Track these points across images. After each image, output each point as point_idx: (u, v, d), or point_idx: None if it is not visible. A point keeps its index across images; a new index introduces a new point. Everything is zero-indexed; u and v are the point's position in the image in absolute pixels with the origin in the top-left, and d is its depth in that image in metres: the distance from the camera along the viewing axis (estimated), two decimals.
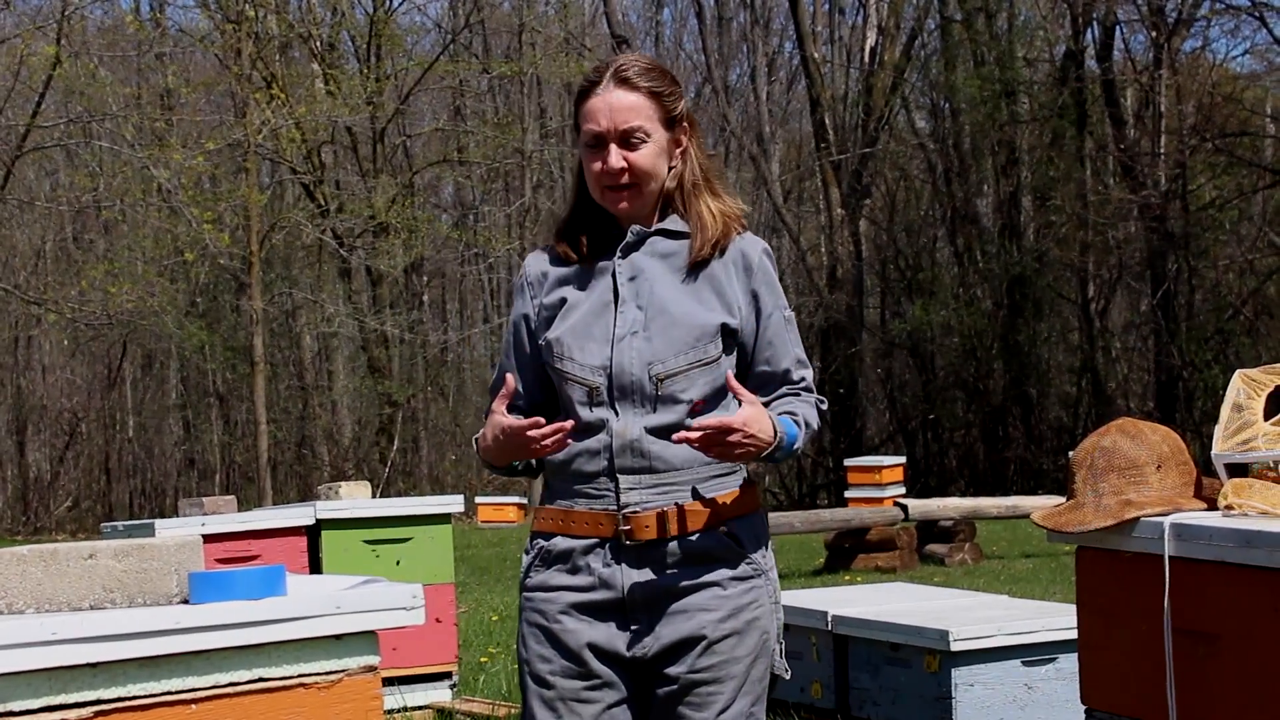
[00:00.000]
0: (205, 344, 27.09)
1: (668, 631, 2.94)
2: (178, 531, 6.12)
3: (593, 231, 3.06)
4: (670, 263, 3.02)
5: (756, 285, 3.02)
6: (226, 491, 27.52)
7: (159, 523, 6.41)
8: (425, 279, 30.59)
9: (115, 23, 27.72)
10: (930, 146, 29.39)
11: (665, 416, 2.93)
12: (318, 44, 26.79)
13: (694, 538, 2.94)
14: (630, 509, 2.92)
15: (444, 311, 32.54)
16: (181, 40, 27.17)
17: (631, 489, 2.93)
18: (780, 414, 2.96)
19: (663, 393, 2.93)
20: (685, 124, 3.05)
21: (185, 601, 2.36)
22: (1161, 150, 26.16)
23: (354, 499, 7.04)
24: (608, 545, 2.95)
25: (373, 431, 28.77)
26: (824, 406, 3.10)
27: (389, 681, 6.64)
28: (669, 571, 2.94)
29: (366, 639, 2.44)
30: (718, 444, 2.81)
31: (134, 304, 22.99)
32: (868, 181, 29.36)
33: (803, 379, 3.07)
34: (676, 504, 2.94)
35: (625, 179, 2.97)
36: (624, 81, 2.96)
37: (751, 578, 3.00)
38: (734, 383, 2.89)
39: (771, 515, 14.04)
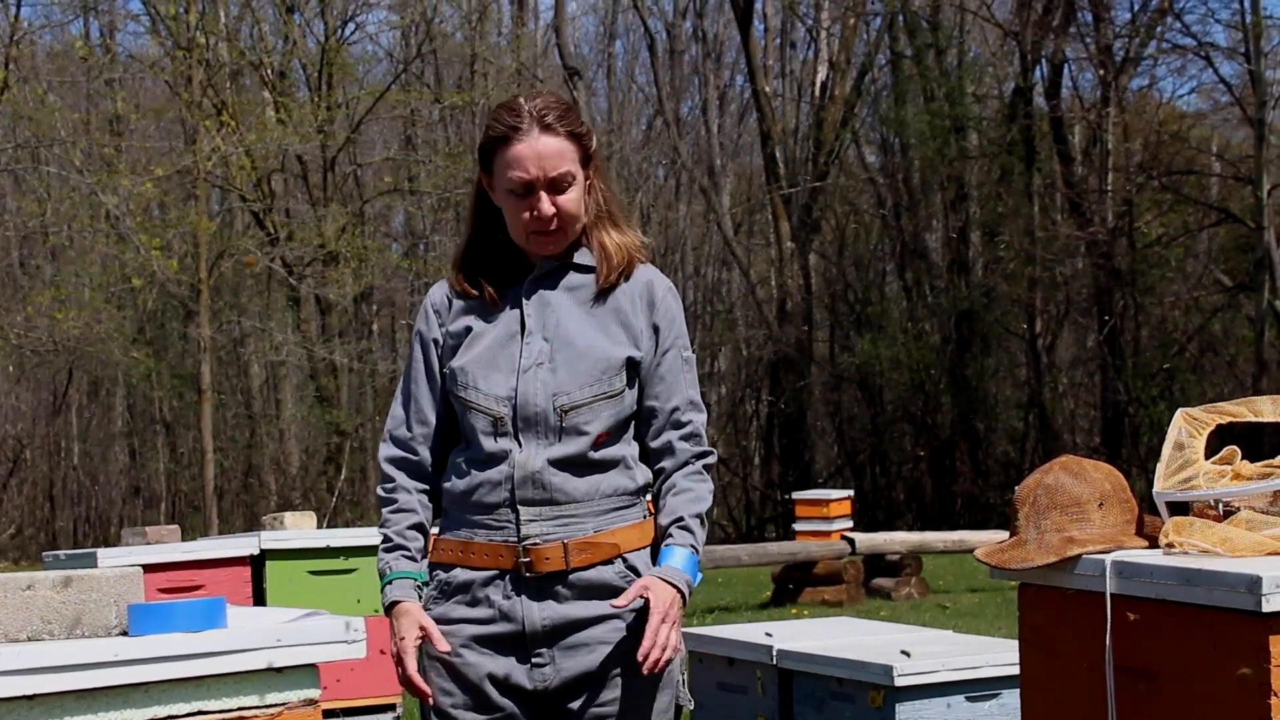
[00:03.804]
0: (152, 371, 26.89)
1: (569, 665, 2.94)
2: (119, 561, 6.08)
3: (494, 264, 3.06)
4: (577, 295, 3.02)
5: (658, 320, 3.02)
6: (172, 520, 27.31)
7: (101, 552, 6.36)
8: (375, 308, 30.47)
9: (65, 48, 27.59)
10: (880, 181, 29.49)
11: (569, 448, 2.93)
12: (269, 72, 26.69)
13: (594, 570, 2.94)
14: (531, 541, 2.92)
15: (394, 340, 32.35)
16: (131, 66, 26.97)
17: (532, 521, 2.92)
18: (676, 526, 2.97)
19: (567, 424, 2.93)
20: (595, 159, 3.06)
21: (124, 633, 2.35)
22: (1109, 187, 26.33)
23: (298, 529, 7.02)
24: (508, 577, 2.94)
25: (320, 461, 28.60)
26: (712, 460, 3.08)
27: (332, 714, 6.61)
28: (569, 604, 2.93)
29: (307, 672, 2.43)
30: (659, 646, 2.85)
31: (80, 330, 22.82)
32: (818, 215, 29.43)
33: (690, 422, 3.04)
34: (577, 537, 2.93)
35: (554, 224, 2.98)
36: (548, 127, 2.95)
37: None
38: (625, 600, 2.89)
39: (718, 548, 14.08)
